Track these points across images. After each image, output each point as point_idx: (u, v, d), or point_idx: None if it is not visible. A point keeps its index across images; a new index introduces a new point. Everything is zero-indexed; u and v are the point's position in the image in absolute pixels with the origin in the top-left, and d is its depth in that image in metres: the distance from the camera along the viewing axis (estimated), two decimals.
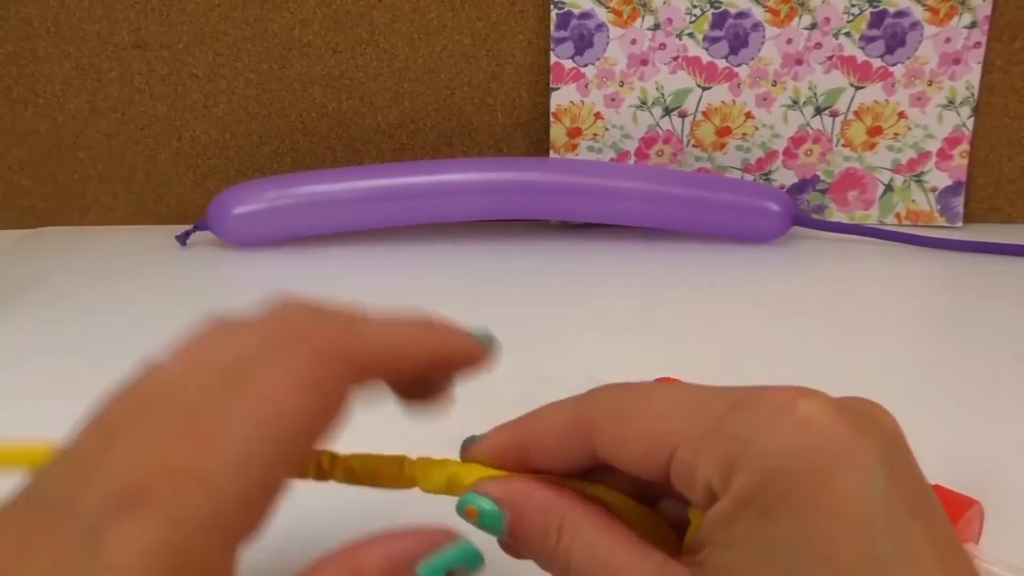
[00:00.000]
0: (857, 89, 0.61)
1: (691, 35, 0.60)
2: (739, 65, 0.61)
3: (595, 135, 0.63)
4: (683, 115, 0.62)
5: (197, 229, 0.61)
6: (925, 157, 0.61)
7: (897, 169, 0.62)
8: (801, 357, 0.43)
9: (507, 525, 0.21)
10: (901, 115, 0.61)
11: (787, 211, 0.58)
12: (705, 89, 0.61)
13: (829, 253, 0.58)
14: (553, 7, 0.60)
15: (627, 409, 0.20)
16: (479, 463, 0.23)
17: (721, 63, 0.61)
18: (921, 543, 0.17)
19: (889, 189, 0.62)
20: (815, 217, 0.63)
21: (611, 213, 0.58)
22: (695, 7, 0.60)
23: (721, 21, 0.60)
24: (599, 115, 0.62)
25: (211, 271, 0.57)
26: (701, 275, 0.55)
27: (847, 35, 0.60)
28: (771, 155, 0.63)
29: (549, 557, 0.20)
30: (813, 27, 0.60)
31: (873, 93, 0.61)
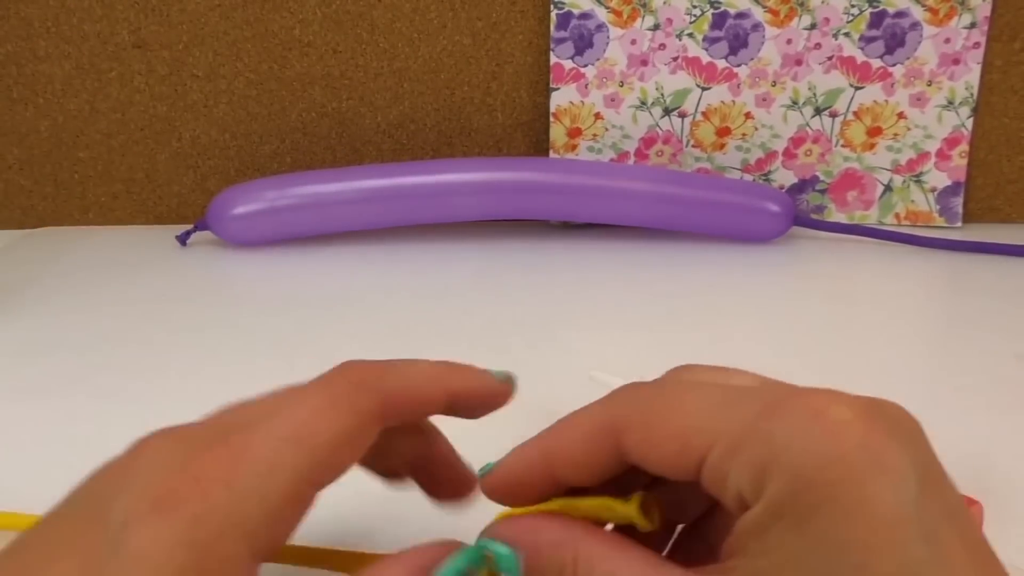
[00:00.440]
0: (857, 89, 0.61)
1: (691, 35, 0.60)
2: (739, 65, 0.61)
3: (595, 135, 0.63)
4: (683, 115, 0.62)
5: (197, 229, 0.61)
6: (924, 157, 0.62)
7: (896, 169, 0.62)
8: (801, 357, 0.43)
9: (523, 565, 0.20)
10: (900, 115, 0.61)
11: (787, 211, 0.58)
12: (705, 89, 0.61)
13: (829, 253, 0.58)
14: (553, 7, 0.60)
15: (656, 409, 0.20)
16: (499, 490, 0.22)
17: (721, 63, 0.61)
18: (955, 547, 0.17)
19: (888, 189, 0.63)
20: (815, 217, 0.63)
21: (611, 213, 0.58)
22: (695, 7, 0.60)
23: (721, 21, 0.60)
24: (599, 115, 0.62)
25: (211, 271, 0.57)
26: (701, 275, 0.55)
27: (847, 35, 0.60)
28: (771, 155, 0.63)
29: None
30: (813, 27, 0.60)
31: (873, 93, 0.61)
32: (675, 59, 0.61)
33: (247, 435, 0.20)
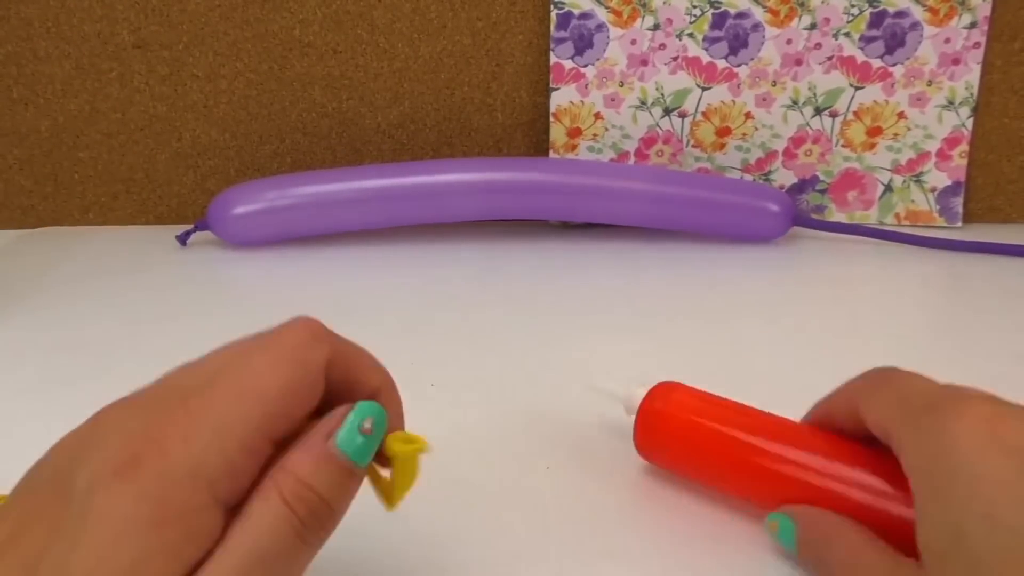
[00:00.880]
0: (857, 89, 0.61)
1: (691, 35, 0.60)
2: (739, 65, 0.61)
3: (595, 135, 0.63)
4: (683, 115, 0.62)
5: (197, 229, 0.61)
6: (924, 157, 0.62)
7: (896, 169, 0.62)
8: (801, 356, 0.43)
9: (797, 534, 0.27)
10: (900, 115, 0.61)
11: (787, 211, 0.58)
12: (705, 89, 0.61)
13: (829, 253, 0.58)
14: (553, 7, 0.60)
15: (873, 398, 0.27)
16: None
17: (721, 63, 0.61)
18: None
19: (888, 189, 0.63)
20: (815, 217, 0.63)
21: (611, 213, 0.58)
22: (695, 7, 0.60)
23: (721, 21, 0.60)
24: (599, 115, 0.62)
25: (211, 271, 0.57)
26: (701, 275, 0.55)
27: (847, 35, 0.60)
28: (771, 155, 0.63)
29: (821, 559, 0.26)
30: (813, 27, 0.60)
31: (873, 93, 0.61)
32: (675, 59, 0.61)
33: (203, 394, 0.21)
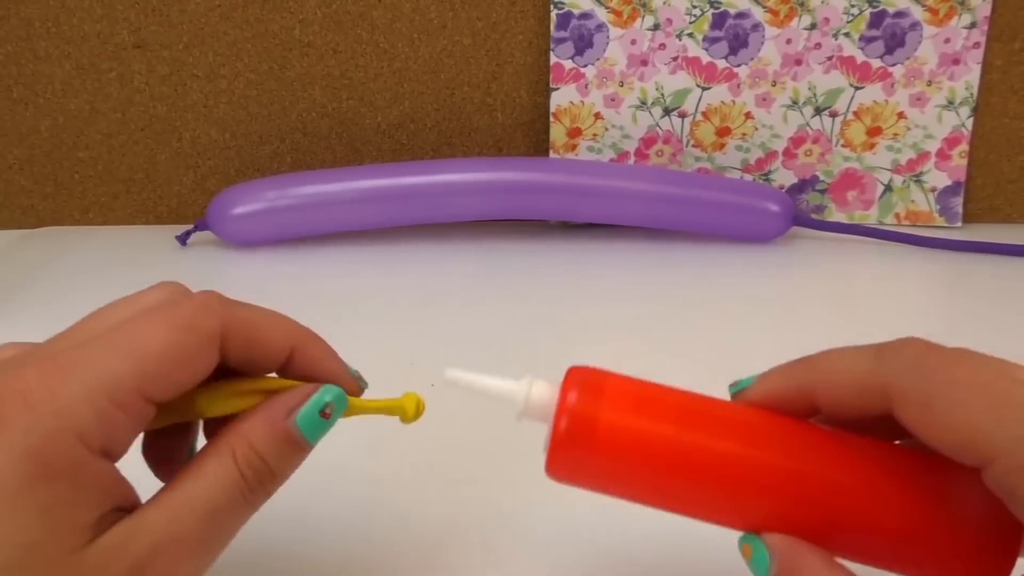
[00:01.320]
0: (857, 89, 0.61)
1: (691, 35, 0.60)
2: (739, 65, 0.61)
3: (595, 135, 0.63)
4: (683, 115, 0.62)
5: (197, 229, 0.61)
6: (924, 157, 0.62)
7: (896, 169, 0.62)
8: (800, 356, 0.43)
9: (773, 571, 0.22)
10: (900, 115, 0.61)
11: (787, 211, 0.58)
12: (705, 89, 0.61)
13: (828, 253, 0.58)
14: (553, 7, 0.60)
15: (936, 393, 0.20)
16: (756, 406, 0.23)
17: (721, 63, 0.61)
18: None
19: (888, 189, 0.63)
20: (815, 217, 0.63)
21: (611, 213, 0.58)
22: (695, 7, 0.60)
23: (721, 21, 0.60)
24: (599, 115, 0.62)
25: (211, 271, 0.57)
26: (701, 275, 0.55)
27: (847, 35, 0.60)
28: (771, 155, 0.63)
29: None
30: (813, 27, 0.60)
31: (872, 93, 0.61)
32: (675, 59, 0.61)
33: (75, 350, 0.21)
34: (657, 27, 0.60)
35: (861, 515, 0.22)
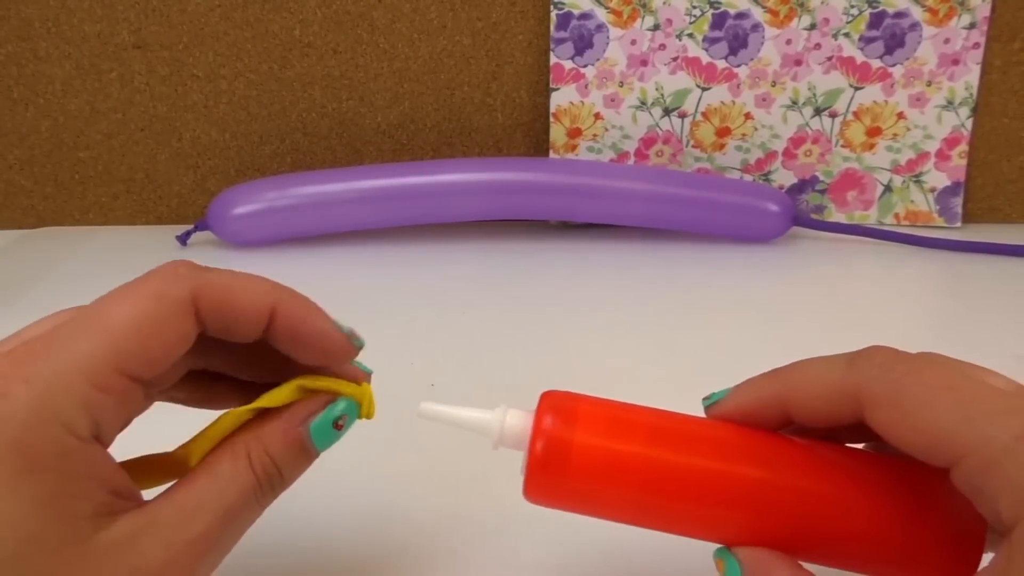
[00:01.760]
0: (856, 90, 0.61)
1: (691, 36, 0.60)
2: (739, 66, 0.61)
3: (595, 135, 0.63)
4: (683, 115, 0.62)
5: (197, 229, 0.61)
6: (924, 157, 0.62)
7: (896, 169, 0.62)
8: (800, 357, 0.43)
9: None
10: (900, 116, 0.61)
11: (786, 211, 0.58)
12: (705, 90, 0.61)
13: (828, 253, 0.58)
14: (553, 7, 0.60)
15: (905, 396, 0.20)
16: (729, 420, 0.24)
17: (721, 63, 0.61)
18: None
19: (888, 189, 0.63)
20: (814, 217, 0.63)
21: (611, 213, 0.59)
22: (695, 8, 0.60)
23: (721, 22, 0.60)
24: (599, 115, 0.62)
25: None
26: (700, 275, 0.55)
27: (846, 36, 0.60)
28: (770, 155, 0.63)
29: None
30: (812, 28, 0.60)
31: (872, 94, 0.61)
32: (675, 59, 0.61)
33: (47, 335, 0.20)
34: (657, 27, 0.60)
35: (833, 522, 0.22)
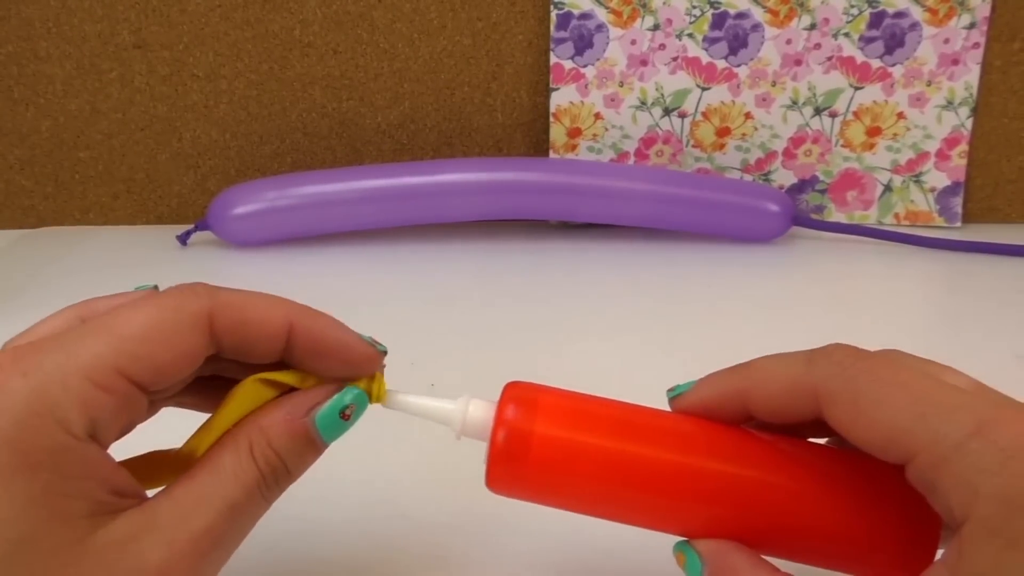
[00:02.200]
0: (856, 89, 0.61)
1: (691, 35, 0.60)
2: (739, 65, 0.61)
3: (595, 135, 0.63)
4: (683, 115, 0.62)
5: (197, 229, 0.61)
6: (924, 157, 0.62)
7: (896, 169, 0.62)
8: None
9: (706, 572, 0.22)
10: (900, 115, 0.61)
11: (786, 211, 0.58)
12: (705, 89, 0.61)
13: (828, 253, 0.58)
14: (553, 7, 0.60)
15: (862, 393, 0.20)
16: (692, 414, 0.24)
17: (721, 63, 0.61)
18: None
19: (888, 189, 0.63)
20: (814, 217, 0.63)
21: (611, 213, 0.59)
22: (695, 8, 0.60)
23: (721, 22, 0.60)
24: (599, 115, 0.62)
25: (211, 271, 0.57)
26: (700, 275, 0.55)
27: (846, 36, 0.60)
28: (770, 155, 0.63)
29: None
30: (812, 28, 0.60)
31: (872, 94, 0.61)
32: (675, 59, 0.61)
33: (57, 336, 0.20)
34: (657, 27, 0.60)
35: (791, 516, 0.22)
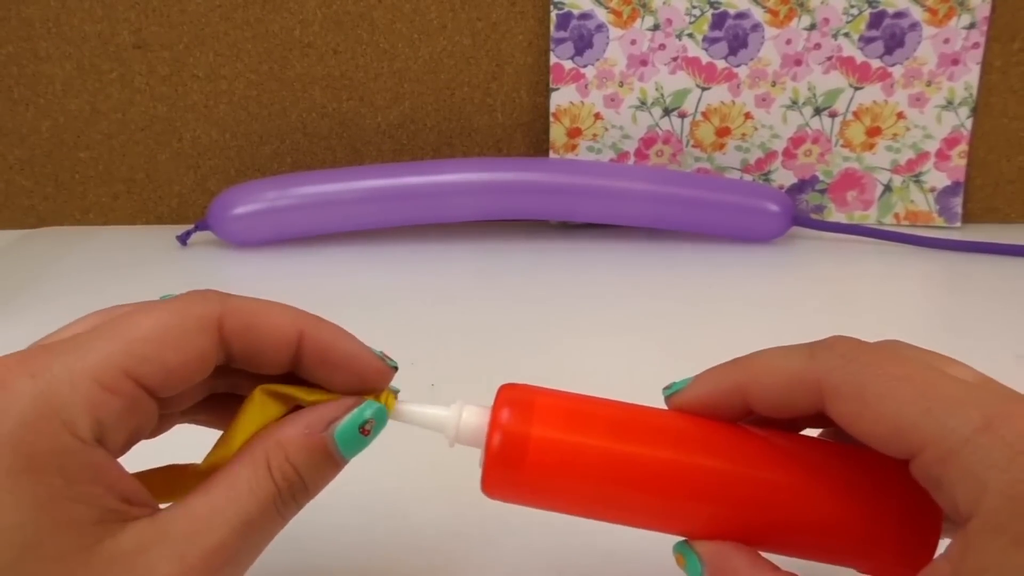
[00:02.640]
0: (856, 90, 0.61)
1: (691, 36, 0.60)
2: (738, 66, 0.61)
3: (595, 135, 0.63)
4: (683, 115, 0.62)
5: (197, 229, 0.61)
6: (924, 157, 0.62)
7: (896, 169, 0.62)
8: None
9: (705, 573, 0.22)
10: (900, 116, 0.61)
11: (786, 211, 0.58)
12: (704, 89, 0.61)
13: (828, 253, 0.58)
14: (553, 7, 0.60)
15: (866, 386, 0.20)
16: (687, 409, 0.23)
17: (720, 63, 0.61)
18: None
19: (888, 189, 0.63)
20: (814, 217, 0.63)
21: (611, 213, 0.59)
22: (695, 8, 0.60)
23: (720, 22, 0.60)
24: (599, 115, 0.62)
25: (211, 271, 0.57)
26: (701, 275, 0.55)
27: (846, 36, 0.60)
28: (770, 155, 0.63)
29: None
30: (812, 28, 0.60)
31: (872, 94, 0.61)
32: (675, 59, 0.61)
33: (66, 338, 0.20)
34: (657, 27, 0.60)
35: (792, 513, 0.22)
